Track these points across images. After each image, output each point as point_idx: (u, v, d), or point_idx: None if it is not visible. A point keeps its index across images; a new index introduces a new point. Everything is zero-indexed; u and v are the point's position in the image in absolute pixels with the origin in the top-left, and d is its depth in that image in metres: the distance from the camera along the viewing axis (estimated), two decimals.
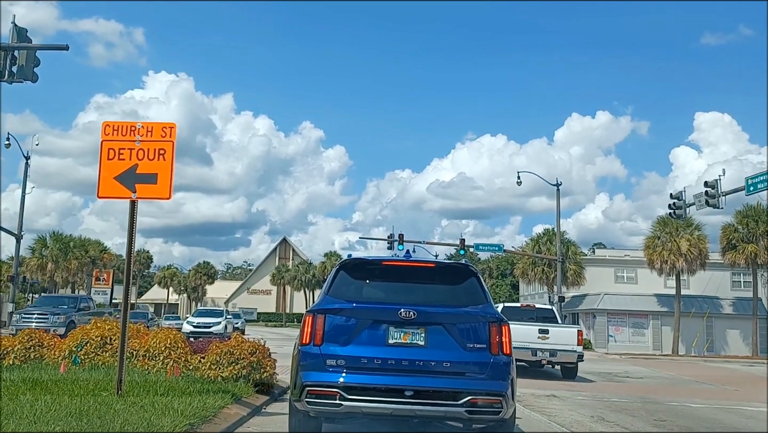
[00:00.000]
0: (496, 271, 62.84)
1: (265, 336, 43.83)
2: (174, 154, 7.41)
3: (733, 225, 40.30)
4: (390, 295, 6.33)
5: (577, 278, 45.62)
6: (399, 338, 5.97)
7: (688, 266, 40.19)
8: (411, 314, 5.95)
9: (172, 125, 7.49)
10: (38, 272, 47.65)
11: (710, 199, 26.43)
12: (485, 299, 6.40)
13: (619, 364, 27.79)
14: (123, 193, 7.47)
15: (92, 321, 10.62)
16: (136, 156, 7.46)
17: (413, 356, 5.91)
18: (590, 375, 20.24)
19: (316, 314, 6.10)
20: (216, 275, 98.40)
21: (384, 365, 5.87)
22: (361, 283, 6.52)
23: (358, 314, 6.06)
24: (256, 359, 9.37)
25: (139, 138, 7.49)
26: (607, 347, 40.87)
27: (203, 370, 9.17)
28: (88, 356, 9.38)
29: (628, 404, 12.49)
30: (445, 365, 5.91)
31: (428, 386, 5.81)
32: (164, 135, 7.49)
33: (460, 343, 5.99)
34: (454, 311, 6.17)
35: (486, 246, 45.07)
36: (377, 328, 6.00)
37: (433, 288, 6.49)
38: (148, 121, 7.51)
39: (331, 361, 5.87)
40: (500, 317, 6.26)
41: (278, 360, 11.62)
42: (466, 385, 5.87)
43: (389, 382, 5.79)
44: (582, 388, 15.44)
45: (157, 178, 7.40)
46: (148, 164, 7.43)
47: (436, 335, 5.98)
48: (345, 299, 6.23)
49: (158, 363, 9.22)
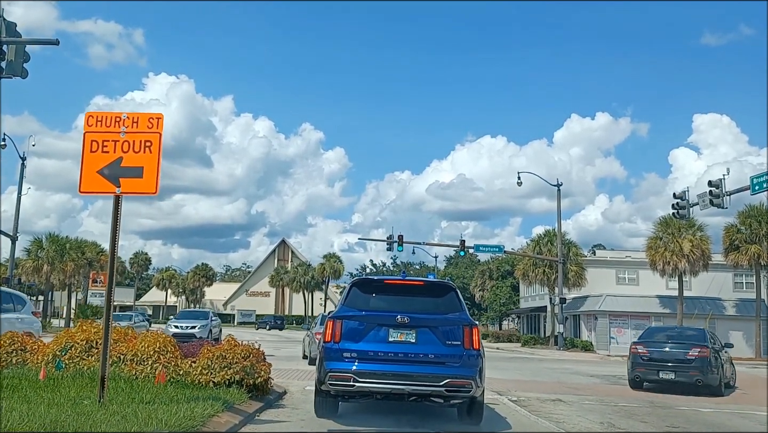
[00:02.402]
0: (496, 272, 62.23)
1: (263, 338, 43.09)
2: (161, 147, 6.96)
3: (736, 226, 39.82)
4: (390, 305, 8.25)
5: (578, 279, 45.16)
6: (396, 337, 7.94)
7: (690, 267, 39.74)
8: (405, 320, 7.92)
9: (159, 116, 7.05)
10: (34, 274, 47.12)
11: (714, 199, 26.00)
12: (461, 309, 8.41)
13: (622, 366, 27.29)
14: (106, 188, 7.02)
15: (78, 325, 10.15)
16: (120, 148, 7.01)
17: (407, 350, 7.87)
18: (594, 378, 19.81)
19: (335, 319, 8.11)
20: (215, 277, 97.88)
21: (385, 356, 7.82)
22: (369, 296, 8.56)
23: (367, 319, 8.04)
24: (250, 364, 8.93)
25: (124, 129, 7.05)
26: (609, 349, 40.41)
27: (194, 375, 8.71)
28: (73, 360, 8.89)
29: (637, 408, 12.04)
30: (430, 356, 7.85)
31: (418, 372, 7.76)
32: (151, 126, 7.05)
33: (441, 340, 7.94)
34: (437, 317, 8.15)
35: (486, 247, 44.68)
36: (380, 329, 7.95)
37: (422, 300, 8.52)
38: (133, 112, 7.05)
39: (346, 354, 7.82)
40: (471, 321, 8.26)
41: (275, 363, 11.51)
42: (446, 371, 7.77)
43: (389, 369, 7.74)
44: (587, 391, 14.99)
45: (143, 172, 6.96)
46: (134, 157, 6.99)
47: (423, 334, 7.95)
48: (357, 308, 8.26)
49: (146, 368, 8.74)
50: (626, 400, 13.41)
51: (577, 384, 17.01)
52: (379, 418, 8.87)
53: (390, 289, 8.72)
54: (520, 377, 18.58)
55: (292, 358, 21.96)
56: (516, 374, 19.80)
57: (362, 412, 9.30)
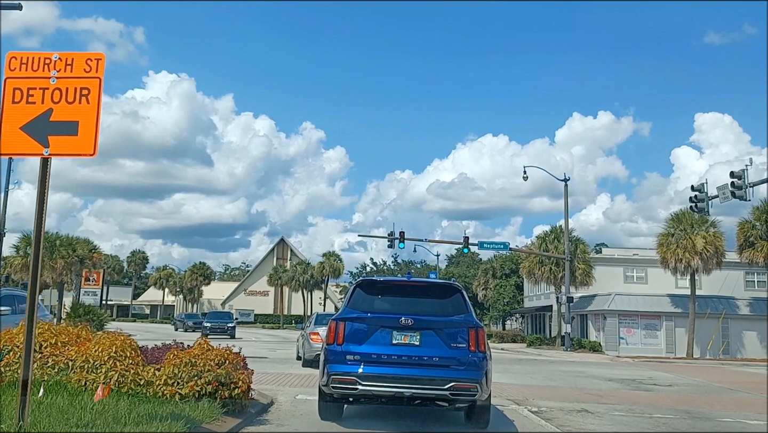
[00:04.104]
0: (500, 271, 60.61)
1: (260, 338, 41.49)
2: (101, 95, 5.41)
3: (751, 222, 38.27)
4: (394, 306, 8.10)
5: (585, 278, 43.54)
6: (400, 339, 7.78)
7: (703, 265, 38.11)
8: (409, 322, 7.75)
9: (100, 56, 5.49)
10: (22, 272, 45.55)
11: (737, 191, 24.43)
12: (467, 310, 8.20)
13: (638, 368, 25.78)
14: (32, 148, 5.48)
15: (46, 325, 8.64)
16: (50, 98, 5.47)
17: (411, 353, 7.69)
18: (613, 382, 18.27)
19: (338, 321, 7.94)
20: (213, 276, 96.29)
21: (389, 359, 7.65)
22: (373, 297, 8.36)
23: (370, 321, 7.89)
24: (225, 372, 7.37)
25: (55, 74, 5.51)
26: (618, 350, 38.83)
27: (157, 386, 7.16)
28: (10, 367, 7.34)
29: (675, 420, 10.52)
30: (435, 359, 7.65)
31: (422, 375, 7.57)
32: (89, 70, 5.50)
33: (446, 343, 7.75)
34: (442, 319, 7.97)
35: (491, 244, 43.15)
36: (384, 332, 7.80)
37: (427, 302, 8.36)
38: (66, 52, 5.50)
39: (350, 356, 7.67)
40: (477, 323, 8.05)
41: (267, 366, 10.53)
42: (450, 374, 7.58)
43: (393, 372, 7.57)
44: (612, 399, 13.44)
45: (78, 128, 5.42)
46: (67, 109, 5.44)
47: (428, 337, 7.76)
48: (360, 310, 8.09)
49: (100, 377, 7.18)
50: (659, 410, 11.85)
51: (597, 390, 15.46)
52: (384, 421, 8.72)
53: (394, 290, 8.63)
54: (534, 382, 17.05)
55: (287, 360, 20.41)
56: (528, 378, 18.27)
57: (367, 415, 9.12)
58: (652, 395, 14.79)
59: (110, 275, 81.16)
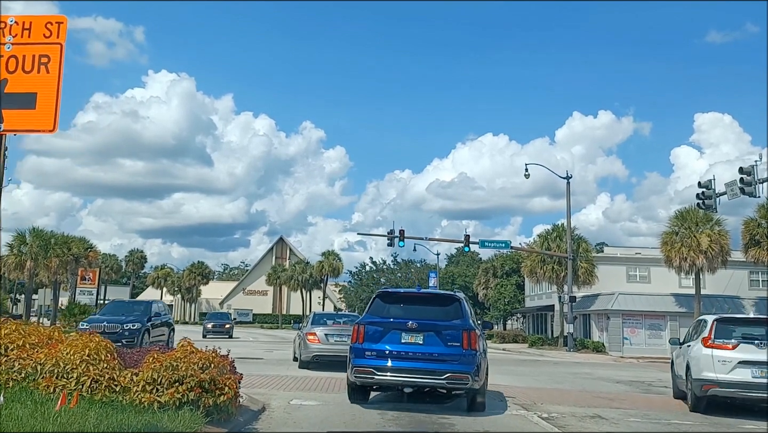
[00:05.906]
0: (500, 270, 59.84)
1: (257, 339, 40.66)
2: (62, 64, 4.72)
3: (756, 220, 37.59)
4: (405, 313, 10.00)
5: (588, 277, 42.84)
6: (407, 339, 9.63)
7: (708, 264, 37.41)
8: (414, 325, 9.60)
9: (62, 18, 4.80)
10: (16, 271, 44.84)
11: (746, 187, 23.75)
12: (463, 316, 10.02)
13: (644, 370, 25.10)
14: None
15: None
16: (4, 67, 4.79)
17: (416, 350, 9.53)
18: (621, 384, 17.60)
19: (359, 325, 10.03)
20: (211, 276, 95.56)
21: (399, 354, 9.53)
22: (389, 305, 10.36)
23: (385, 325, 9.83)
24: (209, 377, 6.69)
25: (10, 39, 4.82)
26: (622, 350, 38.15)
27: (134, 393, 6.48)
28: None
29: (695, 427, 9.84)
30: (435, 355, 9.46)
31: (424, 367, 9.42)
32: (49, 35, 4.81)
33: (444, 342, 9.56)
34: (441, 323, 9.78)
35: (492, 243, 42.55)
36: (395, 333, 9.71)
37: (432, 309, 10.22)
38: (23, 15, 4.82)
39: (368, 352, 9.62)
40: (470, 326, 9.83)
41: (262, 368, 12.34)
42: (447, 367, 9.37)
43: (402, 364, 9.46)
44: (624, 403, 12.77)
45: (36, 101, 4.73)
46: (23, 79, 4.76)
47: (429, 337, 9.61)
48: (378, 315, 10.11)
49: (71, 383, 6.52)
50: (676, 416, 11.17)
51: (607, 393, 14.78)
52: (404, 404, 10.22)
53: (406, 299, 10.79)
54: (539, 384, 16.38)
55: (283, 361, 19.70)
56: (532, 380, 17.59)
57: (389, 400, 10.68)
58: (666, 399, 14.11)
59: (108, 274, 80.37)
